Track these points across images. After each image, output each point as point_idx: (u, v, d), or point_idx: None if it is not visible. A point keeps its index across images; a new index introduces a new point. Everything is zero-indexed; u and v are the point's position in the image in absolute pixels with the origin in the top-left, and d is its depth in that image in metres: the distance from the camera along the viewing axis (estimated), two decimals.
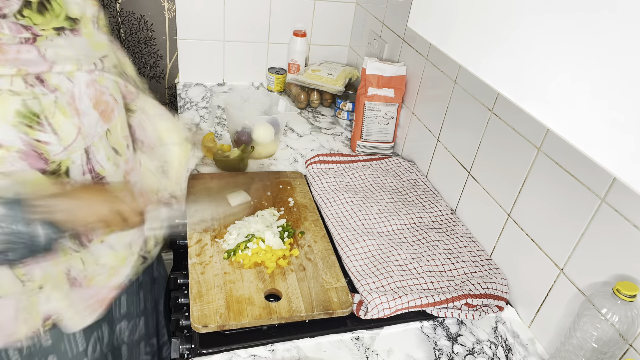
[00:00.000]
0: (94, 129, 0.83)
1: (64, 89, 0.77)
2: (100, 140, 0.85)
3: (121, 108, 0.92)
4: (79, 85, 0.80)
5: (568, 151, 0.90)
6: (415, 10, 0.86)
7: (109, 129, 0.88)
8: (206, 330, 0.88)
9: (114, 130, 0.89)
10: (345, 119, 1.74)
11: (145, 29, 1.74)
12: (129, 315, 1.10)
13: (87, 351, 0.98)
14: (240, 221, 1.12)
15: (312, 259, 1.06)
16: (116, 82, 0.90)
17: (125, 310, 1.09)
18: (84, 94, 0.80)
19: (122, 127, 0.93)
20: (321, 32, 1.92)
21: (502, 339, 0.98)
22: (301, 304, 0.94)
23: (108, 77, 0.87)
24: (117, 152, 0.91)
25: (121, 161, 0.92)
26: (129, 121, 1.00)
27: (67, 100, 0.78)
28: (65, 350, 0.95)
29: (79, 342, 0.96)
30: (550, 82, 0.56)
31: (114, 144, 0.90)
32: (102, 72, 0.85)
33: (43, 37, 0.74)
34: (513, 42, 0.62)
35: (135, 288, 1.10)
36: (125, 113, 0.95)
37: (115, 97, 0.89)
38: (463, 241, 1.17)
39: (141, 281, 1.12)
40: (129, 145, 0.96)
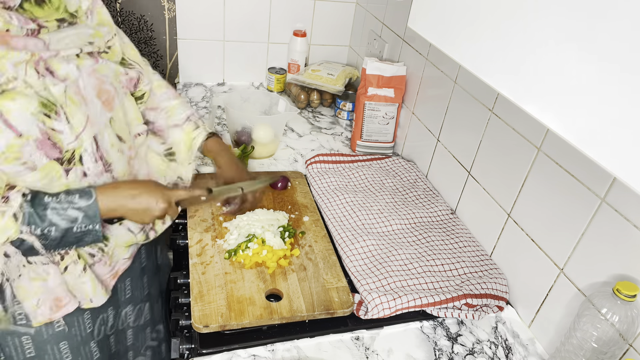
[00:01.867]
0: (99, 117, 0.86)
1: (72, 78, 0.80)
2: (105, 128, 0.88)
3: (122, 96, 0.94)
4: (83, 75, 0.83)
5: (568, 151, 0.90)
6: (415, 10, 0.86)
7: (112, 117, 0.90)
8: (207, 331, 0.88)
9: (117, 118, 0.92)
10: (345, 119, 1.74)
11: (145, 29, 1.74)
12: (133, 299, 1.11)
13: (94, 333, 1.00)
14: (243, 220, 1.12)
15: (312, 259, 1.06)
16: (116, 71, 0.92)
17: (130, 295, 1.10)
18: (87, 84, 0.83)
19: (124, 114, 0.95)
20: (321, 32, 1.92)
21: (502, 339, 0.98)
22: (302, 304, 0.94)
23: (109, 66, 0.89)
24: (121, 139, 0.93)
25: (125, 148, 0.94)
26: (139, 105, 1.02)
27: (74, 90, 0.81)
28: (75, 334, 0.96)
29: (87, 324, 0.97)
30: (550, 82, 0.56)
31: (118, 131, 0.92)
32: (104, 60, 0.87)
33: (46, 29, 0.77)
34: (513, 41, 0.62)
35: (139, 272, 1.11)
36: (127, 100, 0.97)
37: (115, 85, 0.91)
38: (463, 241, 1.17)
39: (144, 266, 1.13)
40: (130, 132, 0.98)
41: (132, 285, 1.09)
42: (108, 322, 1.04)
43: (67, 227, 0.80)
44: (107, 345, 1.05)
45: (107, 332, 1.05)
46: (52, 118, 0.77)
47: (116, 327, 1.07)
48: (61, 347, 0.95)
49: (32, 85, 0.75)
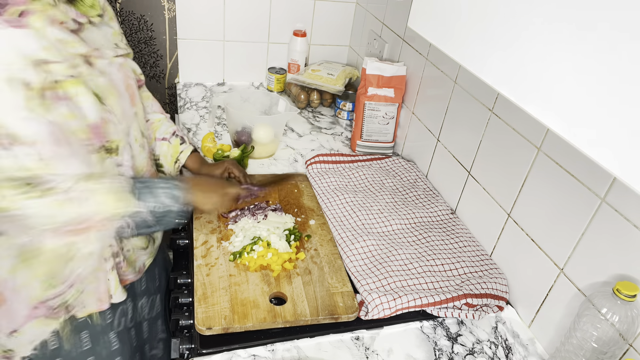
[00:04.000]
0: (128, 111, 0.91)
1: (107, 72, 0.86)
2: (132, 122, 0.93)
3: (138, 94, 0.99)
4: (114, 70, 0.88)
5: (568, 151, 0.90)
6: (415, 10, 0.86)
7: (136, 111, 0.95)
8: (210, 333, 0.88)
9: (139, 113, 0.97)
10: (345, 118, 1.74)
11: (145, 29, 1.74)
12: (148, 291, 1.13)
13: (113, 324, 1.01)
14: (247, 223, 1.12)
15: (318, 263, 1.06)
16: (135, 69, 0.99)
17: (144, 287, 1.11)
18: (118, 78, 0.89)
19: (143, 111, 1.00)
20: (321, 32, 1.92)
21: (502, 339, 0.98)
22: (306, 308, 0.94)
23: (129, 63, 0.96)
24: (143, 134, 0.98)
25: (146, 143, 1.00)
26: None
27: (112, 83, 0.86)
28: (95, 323, 0.98)
29: (108, 315, 0.99)
30: (550, 81, 0.56)
31: (141, 127, 0.97)
32: (125, 58, 0.93)
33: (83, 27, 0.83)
34: (513, 41, 0.62)
35: (151, 265, 1.12)
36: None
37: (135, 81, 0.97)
38: (463, 241, 1.17)
39: (155, 258, 1.13)
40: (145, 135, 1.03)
41: (147, 277, 1.10)
42: (128, 313, 1.05)
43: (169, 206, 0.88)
44: (128, 337, 1.07)
45: (128, 325, 1.06)
46: (104, 108, 0.82)
47: (135, 320, 1.09)
48: (82, 336, 0.97)
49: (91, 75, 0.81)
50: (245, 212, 1.16)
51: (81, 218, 0.78)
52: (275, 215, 1.15)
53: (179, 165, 1.15)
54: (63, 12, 0.77)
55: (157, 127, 1.12)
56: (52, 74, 0.74)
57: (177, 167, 1.14)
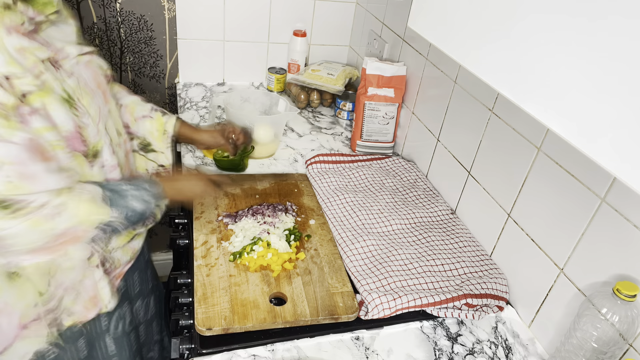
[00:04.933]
0: (103, 108, 0.89)
1: (75, 72, 0.83)
2: (108, 120, 0.91)
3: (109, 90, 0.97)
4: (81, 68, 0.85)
5: (568, 151, 0.90)
6: (415, 10, 0.86)
7: (110, 109, 0.93)
8: (210, 334, 0.88)
9: (112, 110, 0.95)
10: (345, 118, 1.74)
11: (145, 29, 1.74)
12: (142, 293, 1.12)
13: (110, 329, 1.01)
14: (247, 223, 1.12)
15: (318, 263, 1.06)
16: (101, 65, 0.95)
17: (138, 289, 1.11)
18: (88, 76, 0.86)
19: (116, 108, 0.98)
20: (321, 32, 1.92)
21: (502, 339, 0.98)
22: (306, 309, 0.94)
23: (96, 60, 0.92)
24: (119, 132, 0.96)
25: (122, 141, 0.97)
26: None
27: (83, 82, 0.84)
28: (90, 330, 0.97)
29: (103, 321, 0.99)
30: (550, 81, 0.56)
31: (116, 125, 0.95)
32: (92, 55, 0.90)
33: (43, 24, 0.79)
34: (513, 41, 0.62)
35: (144, 265, 1.12)
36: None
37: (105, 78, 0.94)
38: (463, 241, 1.17)
39: (147, 259, 1.13)
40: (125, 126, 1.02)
41: (139, 278, 1.10)
42: (126, 318, 1.04)
43: (142, 210, 0.87)
44: (127, 342, 1.06)
45: (127, 329, 1.05)
46: (78, 111, 0.80)
47: (133, 324, 1.08)
48: (78, 343, 0.96)
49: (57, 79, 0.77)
50: (246, 212, 1.15)
51: (57, 234, 0.76)
52: (278, 215, 1.15)
53: (168, 135, 1.11)
54: (20, 13, 0.72)
55: (133, 109, 1.08)
56: (18, 89, 0.70)
57: (166, 138, 1.11)
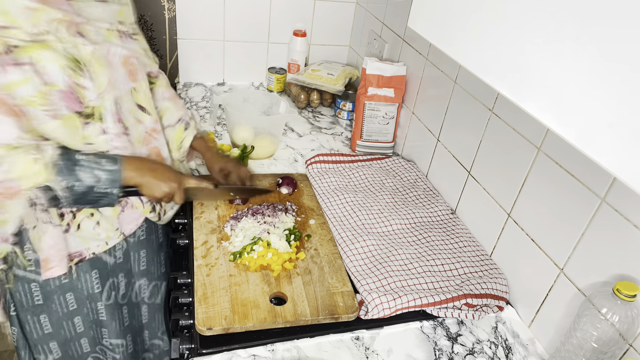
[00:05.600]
0: (122, 83, 0.92)
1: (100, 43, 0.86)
2: (126, 95, 0.93)
3: (144, 73, 1.01)
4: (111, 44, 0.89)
5: (568, 151, 0.90)
6: (415, 10, 0.86)
7: (135, 87, 0.96)
8: (211, 333, 0.88)
9: (140, 89, 0.98)
10: (345, 118, 1.74)
11: (145, 28, 1.74)
12: (149, 274, 1.13)
13: (102, 295, 1.02)
14: (247, 223, 1.11)
15: (318, 263, 1.06)
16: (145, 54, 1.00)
17: (144, 268, 1.11)
18: (116, 52, 0.90)
19: (147, 89, 1.01)
20: (321, 32, 1.92)
21: (502, 339, 0.98)
22: (306, 308, 0.94)
23: (138, 46, 0.98)
24: (144, 109, 0.99)
25: (146, 118, 1.00)
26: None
27: (102, 53, 0.86)
28: (80, 287, 0.99)
29: (94, 284, 1.00)
30: (550, 81, 0.56)
31: (140, 101, 0.98)
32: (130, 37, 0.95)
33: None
34: (513, 41, 0.62)
35: (156, 246, 1.13)
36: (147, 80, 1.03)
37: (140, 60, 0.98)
38: (463, 241, 1.17)
39: (161, 242, 1.13)
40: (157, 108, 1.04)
41: (147, 258, 1.10)
42: (119, 289, 1.05)
43: (90, 185, 0.85)
44: (119, 315, 1.07)
45: (119, 301, 1.06)
46: (77, 73, 0.82)
47: (129, 298, 1.09)
48: (67, 297, 0.98)
49: (63, 42, 0.80)
50: (246, 212, 1.15)
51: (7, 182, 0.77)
52: (279, 215, 1.15)
53: (184, 150, 1.14)
54: None
55: (162, 115, 1.12)
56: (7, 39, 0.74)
57: (182, 152, 1.14)
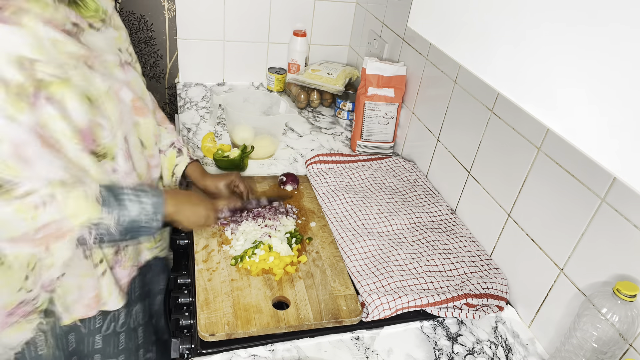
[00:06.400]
0: (128, 116, 0.91)
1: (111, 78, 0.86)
2: (132, 130, 0.93)
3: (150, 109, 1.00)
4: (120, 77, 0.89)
5: (568, 151, 0.90)
6: (415, 10, 0.86)
7: (139, 122, 0.95)
8: (214, 339, 0.87)
9: (145, 125, 0.97)
10: (345, 118, 1.74)
11: (145, 29, 1.74)
12: (142, 297, 1.12)
13: (102, 329, 1.01)
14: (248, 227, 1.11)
15: (320, 266, 1.05)
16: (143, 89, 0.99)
17: (138, 293, 1.11)
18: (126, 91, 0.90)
19: (154, 127, 1.01)
20: (321, 32, 1.92)
21: (502, 339, 0.98)
22: (309, 312, 0.93)
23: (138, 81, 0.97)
24: (143, 145, 0.98)
25: (146, 154, 0.99)
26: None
27: (115, 89, 0.86)
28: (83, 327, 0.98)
29: (97, 320, 0.99)
30: (550, 81, 0.56)
31: (142, 137, 0.97)
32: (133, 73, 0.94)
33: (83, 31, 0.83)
34: (513, 41, 0.62)
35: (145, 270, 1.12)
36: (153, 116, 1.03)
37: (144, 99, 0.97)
38: (463, 241, 1.17)
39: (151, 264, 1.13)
40: (157, 143, 1.04)
41: (140, 283, 1.10)
42: (119, 319, 1.05)
43: (137, 215, 0.84)
44: (115, 341, 1.06)
45: (118, 329, 1.06)
46: (95, 111, 0.82)
47: (127, 325, 1.08)
48: (69, 338, 0.97)
49: (84, 79, 0.80)
50: (247, 215, 1.15)
51: (39, 225, 0.74)
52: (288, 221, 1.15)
53: (176, 178, 1.12)
54: (63, 15, 0.76)
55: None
56: (41, 74, 0.73)
57: (174, 180, 1.13)
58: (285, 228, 1.12)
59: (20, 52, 0.71)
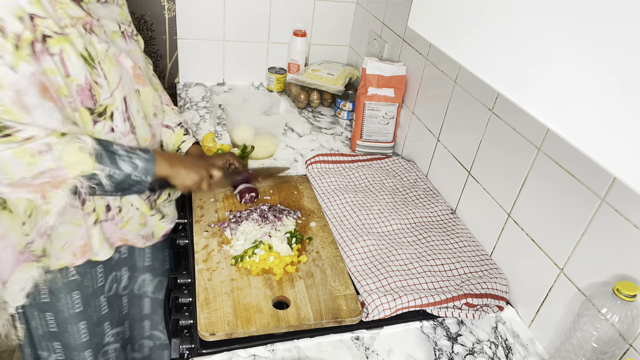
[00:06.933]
0: (129, 83, 0.93)
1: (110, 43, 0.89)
2: (133, 95, 0.95)
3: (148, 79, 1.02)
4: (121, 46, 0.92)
5: (568, 151, 0.90)
6: (415, 9, 0.86)
7: (139, 90, 0.98)
8: (214, 339, 0.87)
9: (143, 94, 0.99)
10: (345, 118, 1.74)
11: (145, 29, 1.74)
12: (153, 269, 1.13)
13: (104, 287, 1.03)
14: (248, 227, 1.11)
15: (320, 266, 1.05)
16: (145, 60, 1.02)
17: (149, 263, 1.12)
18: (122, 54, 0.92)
19: (153, 97, 1.02)
20: (321, 32, 1.92)
21: (502, 339, 0.98)
22: (310, 312, 0.93)
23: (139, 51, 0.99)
24: (145, 114, 1.00)
25: (150, 118, 1.02)
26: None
27: (113, 52, 0.88)
28: (87, 285, 1.00)
29: (99, 277, 1.01)
30: (551, 80, 0.56)
31: (143, 106, 0.99)
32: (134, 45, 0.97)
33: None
34: (512, 41, 0.62)
35: (161, 243, 1.13)
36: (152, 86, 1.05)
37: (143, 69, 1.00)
38: (463, 241, 1.17)
39: (166, 240, 1.13)
40: (156, 114, 1.05)
41: (152, 254, 1.11)
42: (121, 281, 1.06)
43: (128, 174, 0.87)
44: (118, 304, 1.08)
45: (120, 292, 1.07)
46: (94, 70, 0.84)
47: (131, 290, 1.09)
48: (74, 296, 0.99)
49: (82, 37, 0.82)
50: (247, 215, 1.14)
51: (37, 172, 0.77)
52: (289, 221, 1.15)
53: (180, 154, 1.15)
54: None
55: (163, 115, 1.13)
56: (42, 28, 0.76)
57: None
58: (285, 228, 1.12)
59: (19, 4, 0.73)
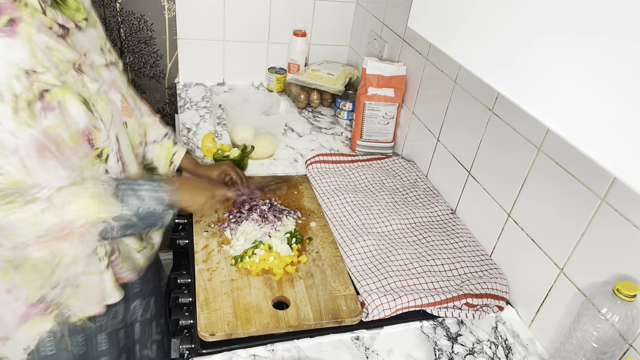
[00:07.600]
0: (118, 118, 0.91)
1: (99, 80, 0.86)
2: (122, 130, 0.93)
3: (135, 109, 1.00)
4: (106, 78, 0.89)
5: (568, 151, 0.90)
6: (415, 9, 0.86)
7: (127, 122, 0.95)
8: (214, 339, 0.87)
9: (130, 126, 0.97)
10: (345, 118, 1.74)
11: (145, 28, 1.74)
12: (141, 294, 1.13)
13: (104, 326, 1.02)
14: (248, 227, 1.11)
15: (320, 266, 1.05)
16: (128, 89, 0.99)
17: (138, 290, 1.11)
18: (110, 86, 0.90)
19: (139, 126, 1.01)
20: (321, 32, 1.92)
21: (502, 339, 0.98)
22: (309, 313, 0.93)
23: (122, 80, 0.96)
24: (132, 146, 0.98)
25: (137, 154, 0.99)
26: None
27: (104, 90, 0.86)
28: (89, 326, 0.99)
29: (100, 317, 0.99)
30: (551, 80, 0.56)
31: (130, 138, 0.97)
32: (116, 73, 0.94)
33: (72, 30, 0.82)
34: (513, 41, 0.62)
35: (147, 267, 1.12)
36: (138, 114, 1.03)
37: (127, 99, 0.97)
38: (463, 241, 1.17)
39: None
40: (141, 143, 1.04)
41: (141, 279, 1.10)
42: (118, 315, 1.05)
43: (154, 208, 0.87)
44: (116, 338, 1.07)
45: (117, 326, 1.06)
46: (92, 114, 0.82)
47: (125, 321, 1.08)
48: (79, 339, 0.97)
49: (76, 81, 0.80)
50: (247, 215, 1.14)
51: (63, 224, 0.77)
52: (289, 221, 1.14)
53: (174, 166, 1.14)
54: (50, 18, 0.76)
55: (146, 131, 1.10)
56: (40, 83, 0.73)
57: (172, 168, 1.13)
58: (285, 228, 1.12)
59: (24, 64, 0.71)
